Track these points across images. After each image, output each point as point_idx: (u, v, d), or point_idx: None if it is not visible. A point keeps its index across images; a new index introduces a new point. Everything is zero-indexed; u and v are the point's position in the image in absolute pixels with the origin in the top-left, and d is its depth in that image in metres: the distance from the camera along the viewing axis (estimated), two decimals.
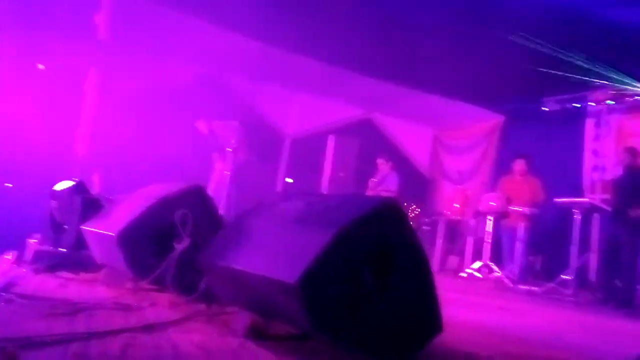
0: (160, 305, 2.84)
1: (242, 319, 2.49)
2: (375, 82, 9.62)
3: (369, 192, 8.99)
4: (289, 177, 10.54)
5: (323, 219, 2.32)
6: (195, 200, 3.09)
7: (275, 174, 10.71)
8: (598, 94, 8.71)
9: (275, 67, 9.22)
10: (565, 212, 7.53)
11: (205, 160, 7.10)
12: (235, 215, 3.27)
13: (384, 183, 8.94)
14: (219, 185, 6.13)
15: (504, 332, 3.48)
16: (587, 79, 8.56)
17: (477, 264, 8.16)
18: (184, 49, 8.41)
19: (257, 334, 2.37)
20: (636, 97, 8.39)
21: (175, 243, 3.01)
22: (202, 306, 2.87)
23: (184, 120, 7.66)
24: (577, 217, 7.18)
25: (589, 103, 9.05)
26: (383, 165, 9.10)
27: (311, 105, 10.72)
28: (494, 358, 2.56)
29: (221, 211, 5.15)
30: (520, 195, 8.09)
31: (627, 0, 6.63)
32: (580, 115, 9.42)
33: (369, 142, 10.64)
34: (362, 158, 10.05)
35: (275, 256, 2.30)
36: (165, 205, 3.03)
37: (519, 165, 8.29)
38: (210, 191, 6.21)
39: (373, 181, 8.99)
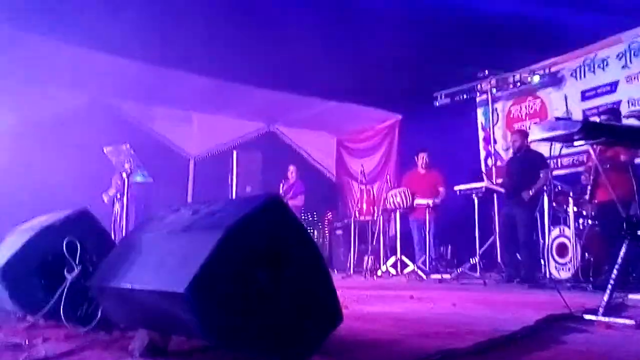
0: (54, 339, 2.71)
1: (140, 339, 2.42)
2: (271, 93, 9.69)
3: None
4: (195, 197, 10.39)
5: (209, 223, 2.29)
6: (82, 225, 2.97)
7: (184, 194, 10.55)
8: (483, 84, 9.16)
9: (168, 88, 9.10)
10: (467, 200, 7.84)
11: (104, 186, 6.93)
12: (125, 233, 3.17)
13: (291, 191, 9.51)
14: (120, 210, 5.99)
15: (411, 317, 3.57)
16: (472, 69, 9.02)
17: (391, 260, 8.35)
18: (68, 76, 8.13)
19: (155, 352, 2.31)
20: (517, 84, 8.87)
21: (65, 272, 2.88)
22: (101, 334, 2.77)
23: (78, 148, 7.43)
24: (476, 201, 7.50)
25: (477, 93, 9.48)
26: (293, 173, 9.79)
27: (211, 123, 10.68)
28: (395, 339, 2.62)
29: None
30: (424, 188, 8.37)
31: None
32: (471, 106, 9.87)
33: (273, 154, 10.68)
34: (267, 170, 10.08)
35: (164, 268, 2.24)
36: (49, 235, 2.89)
37: (422, 158, 8.60)
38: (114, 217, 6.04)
39: (282, 187, 9.63)
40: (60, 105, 8.15)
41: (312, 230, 11.00)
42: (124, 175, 5.65)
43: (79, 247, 2.88)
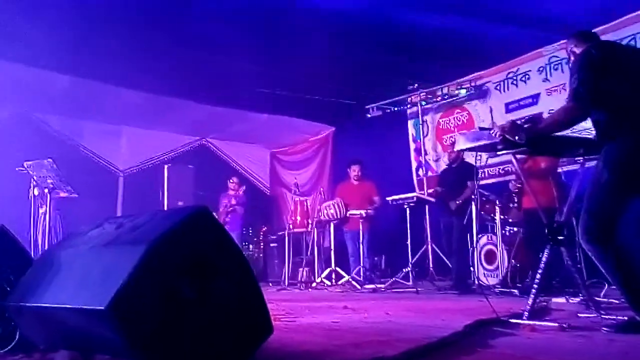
0: None
1: None
2: (203, 107, 9.58)
3: (221, 209, 9.51)
4: (125, 213, 10.11)
5: (132, 238, 2.23)
6: None
7: (113, 211, 10.22)
8: (413, 97, 9.36)
9: (96, 102, 8.87)
10: (400, 210, 7.97)
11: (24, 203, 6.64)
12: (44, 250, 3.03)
13: (233, 202, 9.52)
14: (43, 227, 5.74)
15: (343, 328, 3.57)
16: (402, 83, 9.21)
17: (326, 272, 8.36)
18: None
19: None
20: (445, 97, 9.13)
21: None
22: (19, 357, 2.63)
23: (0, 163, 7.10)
24: (408, 211, 7.63)
25: (407, 106, 9.67)
26: (234, 184, 9.75)
27: (142, 137, 10.43)
28: (326, 350, 2.61)
29: None
30: (357, 199, 8.44)
31: (429, 6, 7.20)
32: (402, 119, 10.07)
33: (206, 167, 10.56)
34: (200, 184, 9.95)
35: (85, 284, 2.16)
36: None
37: (355, 170, 8.68)
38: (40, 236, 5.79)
39: (225, 197, 9.61)
40: None
41: (247, 244, 10.89)
42: (46, 190, 5.43)
43: None
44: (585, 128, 3.56)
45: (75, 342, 2.29)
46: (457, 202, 7.12)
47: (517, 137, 3.28)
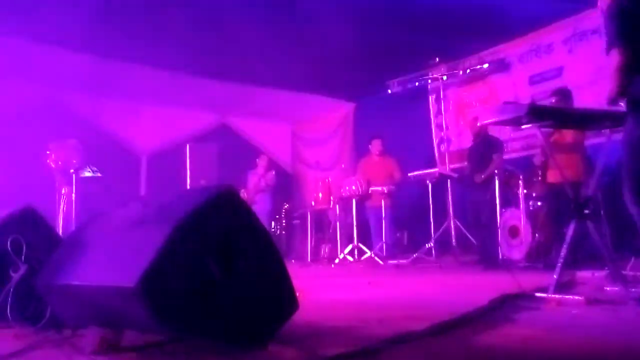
0: (3, 340, 2.62)
1: (91, 336, 2.36)
2: (224, 84, 9.58)
3: (250, 185, 9.57)
4: (148, 193, 10.21)
5: (159, 217, 2.25)
6: (27, 222, 2.88)
7: (137, 191, 10.32)
8: (434, 71, 9.25)
9: (117, 81, 8.90)
10: (422, 186, 7.94)
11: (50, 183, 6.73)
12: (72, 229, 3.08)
13: (265, 176, 9.59)
14: (67, 208, 5.82)
15: (368, 303, 3.60)
16: (423, 58, 9.09)
17: (348, 248, 8.38)
18: (11, 69, 7.86)
19: (107, 348, 2.25)
20: (467, 71, 9.01)
21: (11, 272, 2.79)
22: (50, 333, 2.69)
23: (22, 144, 7.18)
24: (430, 187, 7.61)
25: (428, 81, 9.57)
26: (262, 161, 9.87)
27: (163, 117, 10.43)
28: (352, 326, 2.63)
29: None
30: (379, 174, 8.43)
31: None
32: (423, 94, 9.98)
33: (228, 146, 10.57)
34: (222, 163, 9.97)
35: (114, 263, 2.20)
36: None
37: (376, 145, 8.66)
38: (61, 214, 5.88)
39: (254, 176, 9.66)
40: (3, 99, 7.86)
41: (269, 221, 10.95)
42: (71, 171, 5.49)
43: (24, 246, 2.79)
44: None
45: (105, 319, 2.33)
46: (482, 176, 7.07)
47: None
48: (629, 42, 3.05)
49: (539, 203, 6.84)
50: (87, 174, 5.72)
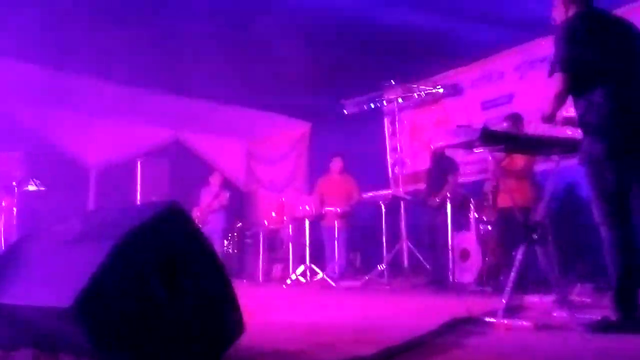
0: None
1: (25, 358, 2.23)
2: (178, 99, 9.45)
3: (203, 204, 9.38)
4: (98, 208, 9.92)
5: (100, 234, 2.15)
6: None
7: (85, 206, 10.01)
8: (390, 93, 9.33)
9: (67, 94, 8.65)
10: (375, 207, 7.95)
11: None
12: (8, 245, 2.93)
13: (219, 196, 9.37)
14: (8, 222, 5.57)
15: (317, 326, 3.53)
16: (379, 79, 9.17)
17: (300, 269, 8.29)
18: None
19: None
20: (422, 94, 9.12)
21: None
22: None
23: None
24: (383, 208, 7.63)
25: (384, 102, 9.64)
26: (215, 179, 9.67)
27: (114, 131, 10.15)
28: (300, 350, 2.56)
29: None
30: (338, 194, 8.39)
31: (405, 4, 7.18)
32: (378, 115, 10.05)
33: (180, 162, 10.40)
34: (174, 179, 9.80)
35: (50, 282, 2.09)
36: None
37: (336, 163, 8.62)
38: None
39: (207, 194, 9.45)
40: None
41: (222, 240, 10.77)
42: (14, 184, 5.27)
43: None
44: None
45: (40, 341, 2.21)
46: (437, 199, 7.13)
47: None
48: (573, 68, 3.12)
49: (489, 227, 6.93)
50: (31, 187, 5.51)
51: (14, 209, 5.30)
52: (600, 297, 4.63)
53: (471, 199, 6.95)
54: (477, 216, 6.90)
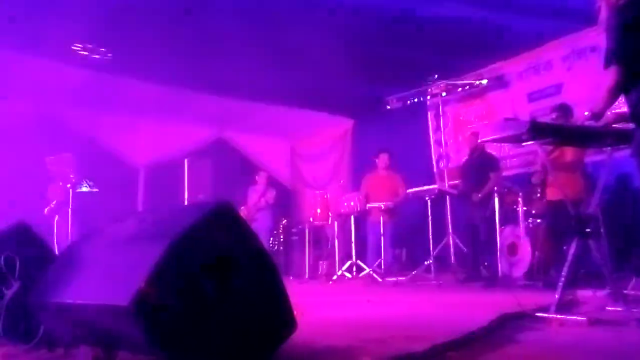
0: None
1: (84, 356, 2.31)
2: (222, 99, 9.57)
3: (250, 203, 9.50)
4: (147, 207, 10.12)
5: (155, 233, 2.21)
6: (20, 239, 2.83)
7: (134, 206, 10.25)
8: (433, 88, 9.25)
9: (115, 96, 8.85)
10: (421, 202, 7.90)
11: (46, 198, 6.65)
12: (66, 246, 3.03)
13: (265, 195, 9.52)
14: (63, 222, 5.76)
15: (367, 322, 3.54)
16: (422, 74, 9.10)
17: (346, 265, 8.31)
18: (9, 85, 7.83)
19: None
20: (466, 87, 9.01)
21: (4, 289, 2.73)
22: (42, 352, 2.64)
23: (19, 159, 7.12)
24: (429, 204, 7.57)
25: (427, 97, 9.57)
26: (262, 178, 9.82)
27: (161, 131, 10.36)
28: (352, 346, 2.57)
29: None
30: (384, 190, 8.35)
31: None
32: (421, 110, 9.97)
33: (226, 161, 10.53)
34: (220, 178, 9.92)
35: (107, 281, 2.15)
36: None
37: (383, 159, 8.57)
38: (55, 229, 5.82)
39: (254, 192, 9.59)
40: (1, 115, 7.81)
41: (269, 238, 10.87)
42: (68, 185, 5.44)
43: (17, 262, 2.74)
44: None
45: (98, 339, 2.28)
46: (480, 195, 7.05)
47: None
48: (628, 59, 3.01)
49: (538, 220, 6.80)
50: (84, 188, 5.68)
51: (69, 210, 5.48)
52: None
53: (519, 192, 6.83)
54: (525, 209, 6.78)
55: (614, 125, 3.42)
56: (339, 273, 8.27)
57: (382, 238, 8.08)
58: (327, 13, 6.82)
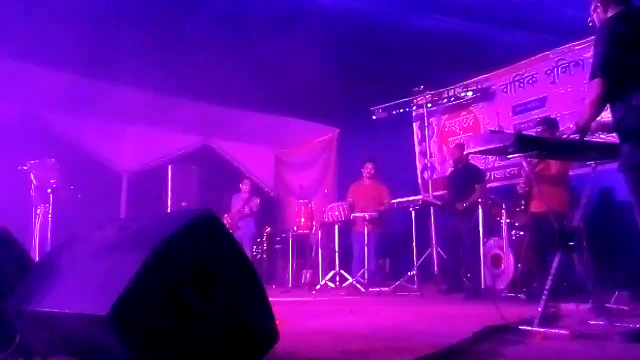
0: None
1: None
2: (208, 107, 9.53)
3: (234, 210, 9.38)
4: (129, 214, 10.02)
5: (136, 241, 2.17)
6: None
7: (117, 212, 10.15)
8: (419, 99, 9.29)
9: (99, 101, 8.76)
10: (405, 213, 7.90)
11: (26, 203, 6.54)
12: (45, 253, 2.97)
13: (249, 203, 9.35)
14: (43, 228, 5.67)
15: (350, 332, 3.51)
16: (408, 85, 9.15)
17: (330, 275, 8.28)
18: None
19: None
20: (451, 99, 9.06)
21: None
22: None
23: (1, 164, 7.01)
24: (413, 214, 7.57)
25: (413, 108, 9.61)
26: (246, 186, 9.69)
27: (146, 137, 10.31)
28: (334, 358, 2.54)
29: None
30: (369, 199, 8.34)
31: (436, 9, 7.15)
32: (407, 120, 10.00)
33: (210, 168, 10.47)
34: (204, 185, 9.85)
35: (86, 290, 2.10)
36: None
37: (368, 168, 8.56)
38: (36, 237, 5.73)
39: (238, 200, 9.47)
40: None
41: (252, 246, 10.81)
42: (49, 191, 5.37)
43: None
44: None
45: (76, 348, 2.23)
46: (464, 204, 7.05)
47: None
48: (614, 72, 3.04)
49: (522, 233, 6.82)
50: (66, 194, 5.60)
51: (49, 215, 5.40)
52: (637, 305, 4.54)
53: (503, 204, 6.86)
54: (509, 221, 6.80)
55: (596, 136, 3.45)
56: (322, 282, 8.24)
57: (366, 248, 8.06)
58: (313, 22, 6.82)
